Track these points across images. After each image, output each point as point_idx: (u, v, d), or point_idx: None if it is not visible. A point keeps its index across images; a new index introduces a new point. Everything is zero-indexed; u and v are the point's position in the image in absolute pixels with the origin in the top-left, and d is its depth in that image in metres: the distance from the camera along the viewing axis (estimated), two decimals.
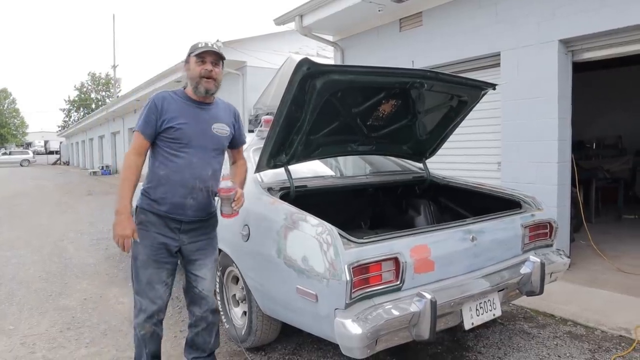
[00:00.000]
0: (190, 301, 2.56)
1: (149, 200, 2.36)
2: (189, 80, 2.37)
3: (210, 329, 2.58)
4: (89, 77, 47.98)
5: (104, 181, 20.31)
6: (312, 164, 3.44)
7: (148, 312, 2.38)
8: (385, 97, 2.92)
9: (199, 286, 2.49)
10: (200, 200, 2.39)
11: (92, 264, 5.51)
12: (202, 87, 2.32)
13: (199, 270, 2.48)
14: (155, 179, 2.35)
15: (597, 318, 3.48)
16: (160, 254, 2.36)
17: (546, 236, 3.08)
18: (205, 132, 2.37)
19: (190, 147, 2.32)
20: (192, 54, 2.33)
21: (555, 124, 4.60)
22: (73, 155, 41.60)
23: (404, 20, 6.34)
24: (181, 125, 2.29)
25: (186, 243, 2.42)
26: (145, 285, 2.36)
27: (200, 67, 2.30)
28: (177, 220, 2.36)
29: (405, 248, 2.29)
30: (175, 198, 2.33)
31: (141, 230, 2.33)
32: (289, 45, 10.37)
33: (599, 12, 4.23)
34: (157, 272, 2.37)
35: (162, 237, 2.35)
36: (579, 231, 5.61)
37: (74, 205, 11.70)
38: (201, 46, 2.31)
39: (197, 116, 2.36)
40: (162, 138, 2.31)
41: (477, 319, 2.52)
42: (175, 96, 2.36)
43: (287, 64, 8.08)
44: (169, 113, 2.29)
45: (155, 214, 2.35)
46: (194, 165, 2.33)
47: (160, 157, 2.34)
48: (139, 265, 2.37)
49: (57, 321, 3.70)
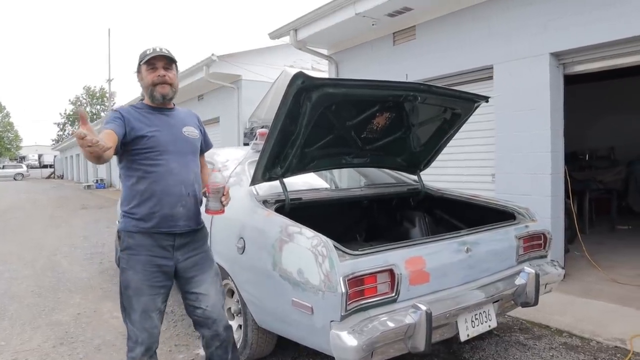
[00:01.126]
0: (196, 323, 2.38)
1: (134, 221, 2.21)
2: (144, 90, 2.29)
3: (225, 346, 2.38)
4: (84, 91, 48.08)
5: (98, 195, 20.22)
6: (307, 177, 3.45)
7: (145, 344, 2.17)
8: (379, 110, 2.94)
9: (202, 305, 2.31)
10: (190, 208, 2.28)
11: (86, 278, 5.47)
12: (158, 94, 2.24)
13: (199, 287, 2.32)
14: (137, 196, 2.20)
15: (593, 329, 3.49)
16: (155, 277, 2.20)
17: (540, 247, 3.10)
18: (177, 137, 2.28)
19: (167, 154, 2.22)
20: (141, 62, 2.24)
21: (548, 135, 4.65)
22: (67, 168, 41.46)
23: (397, 34, 6.41)
24: (153, 133, 2.20)
25: (181, 260, 2.27)
26: (141, 315, 2.17)
27: (152, 74, 2.23)
28: (169, 235, 2.22)
29: (400, 260, 2.30)
30: (164, 210, 2.19)
31: (131, 256, 2.19)
32: (283, 59, 10.45)
33: (589, 26, 4.31)
34: (153, 299, 2.19)
35: (155, 259, 2.20)
36: (573, 242, 5.63)
37: (68, 219, 11.63)
38: (149, 52, 2.23)
39: (165, 122, 2.28)
40: (136, 151, 2.19)
41: (472, 331, 2.52)
42: (136, 108, 2.27)
43: (282, 77, 8.14)
44: (136, 122, 2.18)
45: (144, 234, 2.19)
46: (176, 171, 2.23)
47: (137, 172, 2.21)
48: (131, 294, 2.18)
49: (50, 336, 3.66)
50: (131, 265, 2.19)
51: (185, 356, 3.25)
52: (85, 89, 48.15)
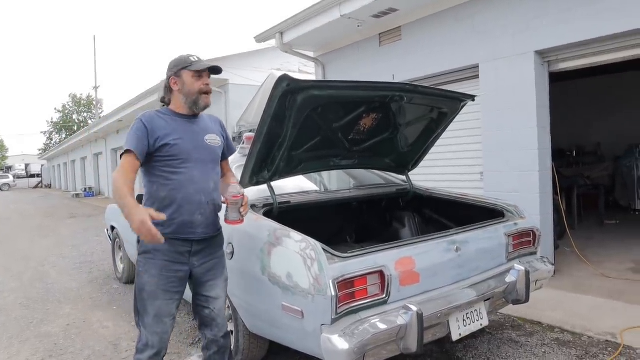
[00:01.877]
0: (201, 323, 2.43)
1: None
2: (182, 96, 2.27)
3: (222, 352, 2.43)
4: (70, 99, 47.61)
5: (86, 203, 20.02)
6: (295, 180, 3.44)
7: (156, 348, 2.20)
8: (365, 111, 2.94)
9: (210, 306, 2.36)
10: (208, 216, 2.29)
11: (75, 288, 5.40)
12: (203, 103, 2.28)
13: (211, 291, 2.36)
14: (157, 201, 2.20)
15: (584, 324, 3.51)
16: (171, 283, 2.22)
17: (530, 244, 3.11)
18: (200, 145, 2.29)
19: (190, 162, 2.23)
20: (186, 68, 2.24)
21: (535, 132, 4.68)
22: (55, 178, 41.03)
23: (383, 35, 6.43)
24: (176, 141, 2.20)
25: (197, 266, 2.29)
26: (153, 319, 2.19)
27: (199, 82, 2.25)
28: (187, 242, 2.24)
29: (390, 261, 2.29)
30: (183, 217, 2.20)
31: (148, 260, 2.20)
32: (270, 63, 10.43)
33: (573, 23, 4.34)
34: (167, 304, 2.21)
35: (172, 265, 2.21)
36: (562, 238, 5.67)
37: (56, 228, 11.49)
38: (195, 60, 2.26)
39: (189, 130, 2.28)
40: (158, 158, 2.19)
41: (464, 330, 2.52)
42: (161, 115, 2.27)
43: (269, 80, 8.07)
44: (161, 131, 2.19)
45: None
46: (196, 180, 2.24)
47: (159, 179, 2.21)
48: (145, 297, 2.19)
49: (39, 349, 3.60)
50: (147, 269, 2.20)
51: None
52: (71, 96, 47.63)
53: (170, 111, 2.31)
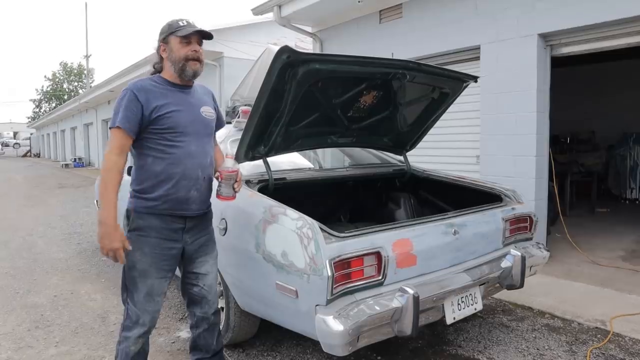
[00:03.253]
0: (190, 300, 2.37)
1: (146, 202, 2.12)
2: (170, 63, 2.15)
3: (212, 329, 2.40)
4: (61, 67, 46.70)
5: (76, 174, 19.80)
6: (290, 156, 3.37)
7: (146, 326, 2.16)
8: (366, 88, 2.85)
9: (200, 283, 2.31)
10: (203, 192, 2.22)
11: (63, 259, 5.33)
12: (190, 70, 2.14)
13: (201, 268, 2.31)
14: (152, 176, 2.11)
15: (574, 310, 3.52)
16: (164, 260, 2.15)
17: (526, 230, 3.08)
18: (197, 118, 2.20)
19: (187, 135, 2.13)
20: (173, 34, 2.13)
21: (534, 117, 4.62)
22: (44, 147, 40.50)
23: (383, 12, 6.28)
24: (172, 113, 2.09)
25: (189, 243, 2.24)
26: (145, 297, 2.13)
27: (186, 48, 2.12)
28: (181, 218, 2.16)
29: (388, 242, 2.24)
30: (179, 193, 2.11)
31: (140, 237, 2.12)
32: (266, 37, 10.22)
33: (578, 7, 4.25)
34: (159, 282, 2.15)
35: (165, 242, 2.14)
36: (554, 224, 5.69)
37: (45, 198, 11.35)
38: (183, 24, 2.13)
39: (185, 101, 2.18)
40: (153, 130, 2.08)
41: (458, 314, 2.50)
42: (155, 83, 2.13)
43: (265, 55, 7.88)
44: (157, 100, 2.07)
45: (155, 216, 2.12)
46: (194, 154, 2.15)
47: (153, 152, 2.10)
48: (136, 275, 2.12)
49: (25, 319, 3.55)
50: (139, 247, 2.12)
51: (166, 339, 3.18)
52: (61, 65, 46.75)
53: (163, 79, 2.18)
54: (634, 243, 5.49)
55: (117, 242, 1.97)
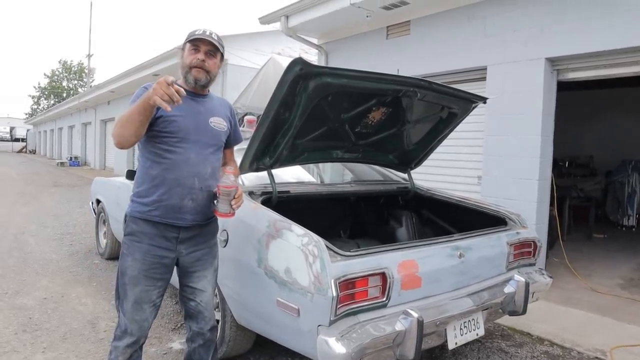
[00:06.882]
0: (187, 314, 2.32)
1: (140, 206, 2.11)
2: (180, 69, 2.18)
3: (207, 346, 2.33)
4: (60, 65, 46.60)
5: (71, 173, 19.65)
6: (292, 169, 3.32)
7: (134, 336, 2.11)
8: (376, 104, 2.82)
9: (196, 298, 2.25)
10: (200, 203, 2.14)
11: (55, 260, 5.23)
12: (191, 77, 2.13)
13: (198, 283, 2.24)
14: (148, 180, 2.10)
15: (573, 338, 3.46)
16: (154, 269, 2.10)
17: (530, 255, 3.04)
18: (202, 126, 2.15)
19: (187, 142, 2.09)
20: (187, 41, 2.15)
21: (538, 141, 4.61)
22: (40, 144, 40.27)
23: (391, 28, 6.29)
24: (176, 118, 2.06)
25: (184, 254, 2.18)
26: (132, 305, 2.09)
27: (192, 55, 2.12)
28: (174, 227, 2.11)
29: (393, 263, 2.19)
30: (171, 200, 2.07)
31: (133, 242, 2.10)
32: (271, 46, 10.22)
33: (586, 34, 4.26)
34: (147, 291, 2.10)
35: (157, 250, 2.10)
36: (553, 248, 5.65)
37: (38, 196, 11.22)
38: (197, 33, 2.13)
39: (193, 108, 2.14)
40: (155, 132, 2.05)
41: (460, 339, 2.45)
42: None
43: (270, 64, 7.93)
44: None
45: (148, 222, 2.09)
46: (192, 162, 2.10)
47: (152, 155, 2.09)
48: (126, 282, 2.09)
49: (12, 322, 3.45)
50: (131, 252, 2.10)
51: (157, 349, 3.10)
52: (61, 62, 46.66)
53: (179, 85, 2.16)
54: (631, 271, 5.45)
55: (154, 87, 1.78)
